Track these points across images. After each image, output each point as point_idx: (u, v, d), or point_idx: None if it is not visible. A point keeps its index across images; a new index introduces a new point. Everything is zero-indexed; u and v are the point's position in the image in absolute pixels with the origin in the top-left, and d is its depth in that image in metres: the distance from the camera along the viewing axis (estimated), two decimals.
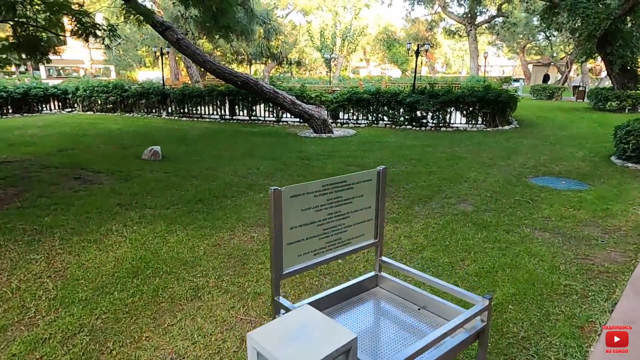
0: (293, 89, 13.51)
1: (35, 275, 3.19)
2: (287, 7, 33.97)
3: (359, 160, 7.56)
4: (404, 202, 5.18)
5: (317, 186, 1.48)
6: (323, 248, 1.55)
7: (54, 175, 6.16)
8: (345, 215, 1.60)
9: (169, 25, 9.83)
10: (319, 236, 1.52)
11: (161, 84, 16.63)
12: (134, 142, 9.39)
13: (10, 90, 14.36)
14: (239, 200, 5.17)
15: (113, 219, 4.40)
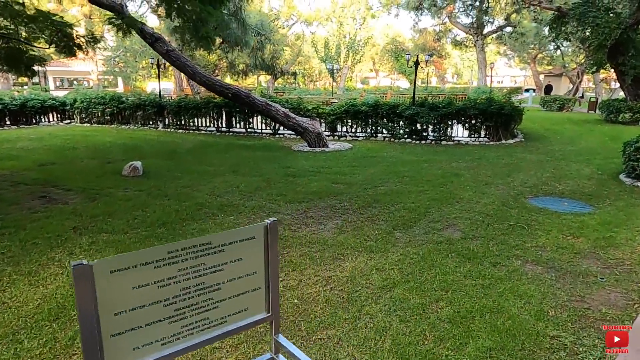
0: (290, 101, 13.19)
1: None
2: (290, 18, 33.93)
3: (347, 178, 7.13)
4: (385, 227, 4.73)
5: (159, 253, 1.06)
6: (178, 334, 1.13)
7: (20, 194, 5.85)
8: (213, 287, 1.18)
9: (159, 36, 9.61)
10: (169, 319, 1.11)
11: (169, 94, 16.45)
12: (121, 156, 9.09)
13: (6, 102, 14.29)
14: (205, 224, 4.78)
15: (60, 246, 4.03)
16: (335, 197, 5.96)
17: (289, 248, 4.09)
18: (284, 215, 5.14)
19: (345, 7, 38.04)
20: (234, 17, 11.79)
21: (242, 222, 4.80)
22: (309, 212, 5.26)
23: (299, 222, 4.87)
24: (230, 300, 1.22)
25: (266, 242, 1.26)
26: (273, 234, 1.26)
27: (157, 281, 1.07)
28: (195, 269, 1.13)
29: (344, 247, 4.14)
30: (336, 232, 4.56)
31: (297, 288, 3.32)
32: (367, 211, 5.31)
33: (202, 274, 1.15)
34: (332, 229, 4.69)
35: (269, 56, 18.51)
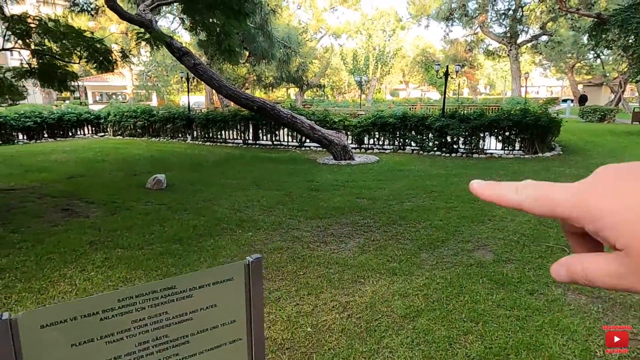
0: (316, 113, 13.06)
1: None
2: (319, 31, 34.11)
3: (372, 192, 6.85)
4: (410, 246, 4.43)
5: (106, 302, 0.86)
6: None
7: (44, 206, 5.90)
8: (179, 340, 0.97)
9: (186, 50, 9.72)
10: None
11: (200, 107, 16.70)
12: (147, 168, 9.17)
13: (44, 115, 14.85)
14: (222, 240, 4.62)
15: (74, 262, 3.95)
16: (359, 213, 5.69)
17: (306, 269, 3.86)
18: (304, 232, 4.92)
19: (375, 20, 38.02)
20: (260, 31, 11.85)
21: (258, 239, 4.61)
22: (330, 229, 5.02)
23: (318, 240, 4.64)
24: (202, 356, 1.00)
25: (248, 284, 1.04)
26: (256, 273, 1.04)
27: (105, 336, 0.87)
28: (155, 320, 0.93)
29: (365, 268, 3.87)
30: (357, 252, 4.29)
31: (312, 314, 3.08)
32: (392, 229, 5.02)
33: (165, 325, 0.94)
34: (353, 248, 4.43)
35: (296, 69, 18.54)
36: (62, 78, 8.81)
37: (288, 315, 3.05)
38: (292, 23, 26.35)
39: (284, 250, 4.31)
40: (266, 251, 4.27)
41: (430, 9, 29.69)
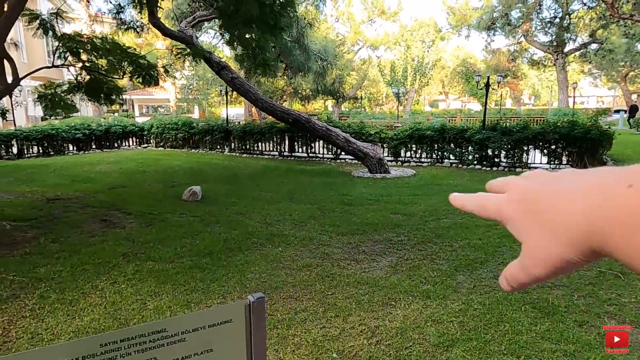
0: (352, 125, 12.96)
1: None
2: (356, 44, 34.15)
3: (407, 208, 6.62)
4: (446, 267, 4.19)
5: (87, 347, 0.78)
6: None
7: (85, 217, 6.10)
8: None
9: (224, 65, 9.93)
10: None
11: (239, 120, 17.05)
12: (185, 180, 9.36)
13: (93, 128, 15.62)
14: (251, 255, 4.56)
15: (106, 274, 4.01)
16: (393, 229, 5.50)
17: (335, 288, 3.72)
18: (334, 248, 4.79)
19: (414, 31, 37.67)
20: (296, 44, 11.96)
21: (287, 255, 4.53)
22: (362, 246, 4.86)
23: (349, 258, 4.49)
24: None
25: (249, 327, 0.93)
26: (258, 315, 0.93)
27: None
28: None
29: (396, 290, 3.68)
30: (389, 272, 4.11)
31: (338, 339, 2.93)
32: (427, 247, 4.79)
33: None
34: (385, 267, 4.25)
35: (332, 81, 18.59)
36: (107, 92, 9.20)
37: (314, 339, 2.92)
38: (329, 36, 26.56)
39: (313, 267, 4.20)
40: (295, 268, 4.18)
41: (470, 18, 29.07)
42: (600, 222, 0.27)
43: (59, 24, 8.23)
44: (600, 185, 0.29)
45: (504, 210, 0.36)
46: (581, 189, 0.30)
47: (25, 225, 5.47)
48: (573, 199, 0.30)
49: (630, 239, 0.26)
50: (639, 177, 0.27)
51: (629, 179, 0.27)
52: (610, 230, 0.27)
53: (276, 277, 3.95)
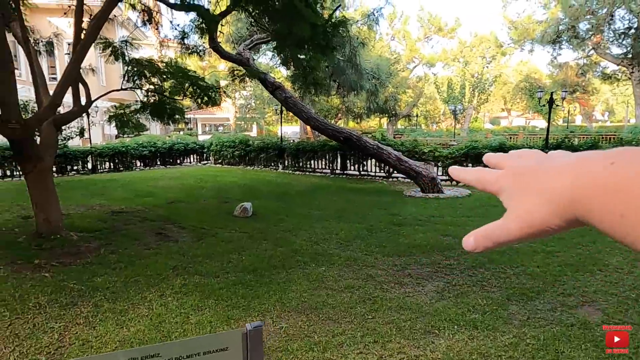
0: (405, 143, 12.75)
1: (37, 349, 3.01)
2: (412, 61, 33.79)
3: (459, 230, 6.33)
4: (497, 295, 3.92)
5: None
6: None
7: (143, 229, 6.45)
8: None
9: (279, 85, 10.22)
10: None
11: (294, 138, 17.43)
12: (238, 196, 9.65)
13: (158, 145, 16.66)
14: (294, 273, 4.56)
15: (156, 286, 4.18)
16: (442, 252, 5.27)
17: (376, 312, 3.60)
18: (379, 270, 4.66)
19: (474, 47, 36.69)
20: (349, 63, 12.09)
21: (330, 275, 4.47)
22: (408, 269, 4.69)
23: (393, 281, 4.35)
24: None
25: (245, 356, 0.90)
26: (256, 343, 0.90)
27: None
28: None
29: (441, 317, 3.49)
30: (435, 297, 3.92)
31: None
32: (477, 273, 4.53)
33: None
34: (430, 292, 4.06)
35: (384, 99, 18.49)
36: (170, 113, 9.79)
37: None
38: (384, 54, 26.57)
39: (355, 289, 4.11)
40: (336, 289, 4.11)
41: (534, 32, 27.79)
42: (583, 193, 0.31)
43: (128, 50, 8.94)
44: (586, 162, 0.32)
45: (500, 182, 0.39)
46: (569, 164, 0.33)
47: (90, 236, 5.89)
48: (561, 172, 0.33)
49: (608, 209, 0.29)
50: (620, 156, 0.30)
51: (612, 157, 0.30)
52: (590, 201, 0.30)
53: (317, 297, 3.90)
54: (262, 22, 7.76)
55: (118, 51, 8.03)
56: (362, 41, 12.12)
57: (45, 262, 4.73)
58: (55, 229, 5.67)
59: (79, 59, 5.78)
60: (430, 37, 34.93)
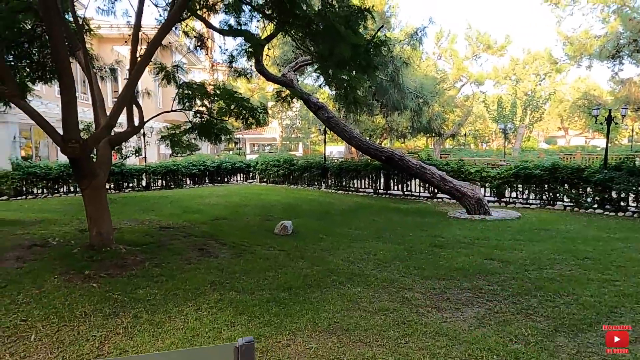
0: (450, 163, 12.42)
1: (78, 356, 3.16)
2: (459, 80, 33.09)
3: (505, 254, 6.02)
4: (543, 325, 3.66)
5: None
6: None
7: (186, 244, 6.67)
8: None
9: (322, 105, 10.38)
10: None
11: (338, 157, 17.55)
12: (280, 214, 9.78)
13: (207, 164, 17.32)
14: (329, 293, 4.52)
15: (193, 300, 4.29)
16: (485, 277, 5.02)
17: (410, 337, 3.47)
18: (416, 293, 4.51)
19: (527, 64, 35.43)
20: (392, 82, 12.07)
21: (365, 296, 4.38)
22: (447, 293, 4.50)
23: (430, 305, 4.18)
24: None
25: None
26: (247, 359, 0.90)
27: None
28: None
29: (479, 346, 3.30)
30: (474, 324, 3.72)
31: None
32: (523, 300, 4.26)
33: None
34: (470, 318, 3.86)
35: (428, 119, 18.23)
36: (217, 133, 10.19)
37: None
38: (430, 73, 26.29)
39: (389, 312, 3.99)
40: (370, 311, 4.01)
41: (591, 47, 26.42)
42: None
43: (180, 74, 9.45)
44: None
45: None
46: None
47: (137, 249, 6.17)
48: None
49: None
50: None
51: None
52: None
53: (349, 319, 3.83)
54: (305, 44, 7.96)
55: (170, 75, 8.52)
56: (405, 61, 12.10)
57: (95, 273, 5.00)
58: (106, 242, 6.00)
59: (132, 83, 6.19)
60: (479, 55, 34.17)
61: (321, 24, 6.85)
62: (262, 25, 10.71)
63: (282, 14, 7.61)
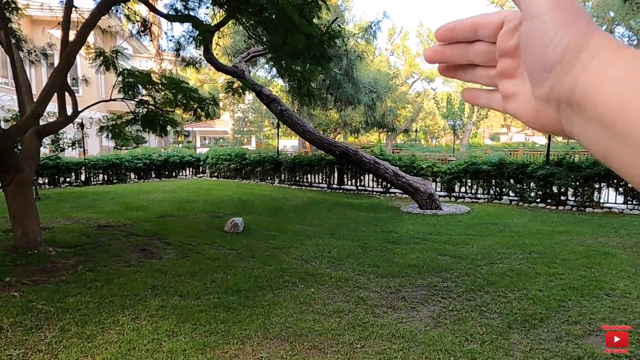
0: (403, 158, 12.54)
1: None
2: (411, 76, 33.83)
3: (457, 249, 6.06)
4: (497, 322, 3.64)
5: None
6: None
7: (127, 245, 6.17)
8: None
9: (274, 97, 10.06)
10: None
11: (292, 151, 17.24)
12: (231, 210, 9.39)
13: (154, 158, 16.45)
14: (281, 295, 4.28)
15: (131, 307, 3.90)
16: (439, 273, 4.99)
17: (365, 341, 3.31)
18: (371, 292, 4.38)
19: None
20: (346, 77, 11.95)
21: (319, 298, 4.19)
22: (402, 292, 4.41)
23: (386, 304, 4.06)
24: None
25: None
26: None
27: None
28: None
29: (436, 347, 3.21)
30: (430, 324, 3.63)
31: None
32: (476, 297, 4.24)
33: None
34: (425, 317, 3.77)
35: (382, 114, 18.40)
36: (163, 124, 9.59)
37: None
38: (383, 69, 26.58)
39: (344, 313, 3.82)
40: (324, 313, 3.82)
41: None
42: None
43: (122, 61, 8.77)
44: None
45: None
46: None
47: (69, 251, 5.61)
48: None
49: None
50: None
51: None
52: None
53: (302, 323, 3.62)
54: (257, 33, 7.60)
55: (109, 61, 7.87)
56: (359, 54, 12.00)
57: (17, 280, 4.45)
58: (33, 243, 5.40)
59: (63, 68, 5.59)
60: None
61: (274, 12, 6.55)
62: (212, 12, 10.20)
63: (232, 0, 7.22)
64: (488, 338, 3.36)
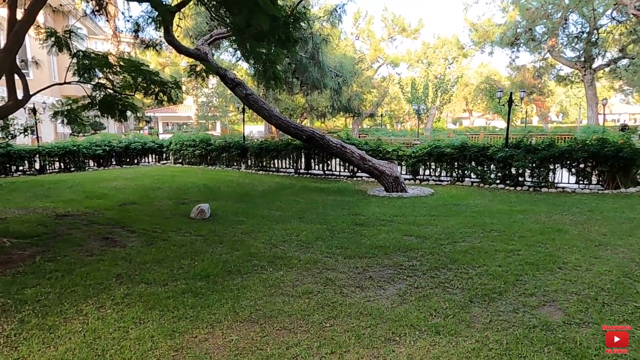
0: (369, 142, 12.68)
1: None
2: (377, 61, 34.07)
3: (422, 230, 6.23)
4: (460, 297, 3.80)
5: None
6: None
7: (88, 234, 5.97)
8: None
9: (239, 81, 9.88)
10: None
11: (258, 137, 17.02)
12: (197, 197, 9.24)
13: (113, 144, 15.85)
14: (250, 279, 4.28)
15: (95, 296, 3.79)
16: (404, 253, 5.13)
17: (335, 319, 3.39)
18: (339, 273, 4.46)
19: (437, 48, 37.40)
20: (312, 60, 11.88)
21: (288, 280, 4.22)
22: (369, 271, 4.51)
23: (354, 284, 4.15)
24: None
25: None
26: None
27: None
28: None
29: (402, 323, 3.32)
30: (396, 301, 3.75)
31: None
32: (440, 274, 4.40)
33: None
34: (392, 295, 3.89)
35: (348, 98, 18.47)
36: (122, 109, 9.22)
37: None
38: (349, 53, 26.59)
39: (313, 294, 3.88)
40: (294, 295, 3.86)
41: (493, 35, 28.58)
42: None
43: (76, 42, 8.33)
44: None
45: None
46: None
47: (26, 242, 5.37)
48: None
49: None
50: None
51: None
52: None
53: (272, 305, 3.64)
54: (219, 14, 7.39)
55: (62, 41, 7.45)
56: (324, 38, 11.94)
57: None
58: None
59: (11, 49, 5.26)
60: (394, 37, 35.31)
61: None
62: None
63: None
64: (451, 312, 3.51)
